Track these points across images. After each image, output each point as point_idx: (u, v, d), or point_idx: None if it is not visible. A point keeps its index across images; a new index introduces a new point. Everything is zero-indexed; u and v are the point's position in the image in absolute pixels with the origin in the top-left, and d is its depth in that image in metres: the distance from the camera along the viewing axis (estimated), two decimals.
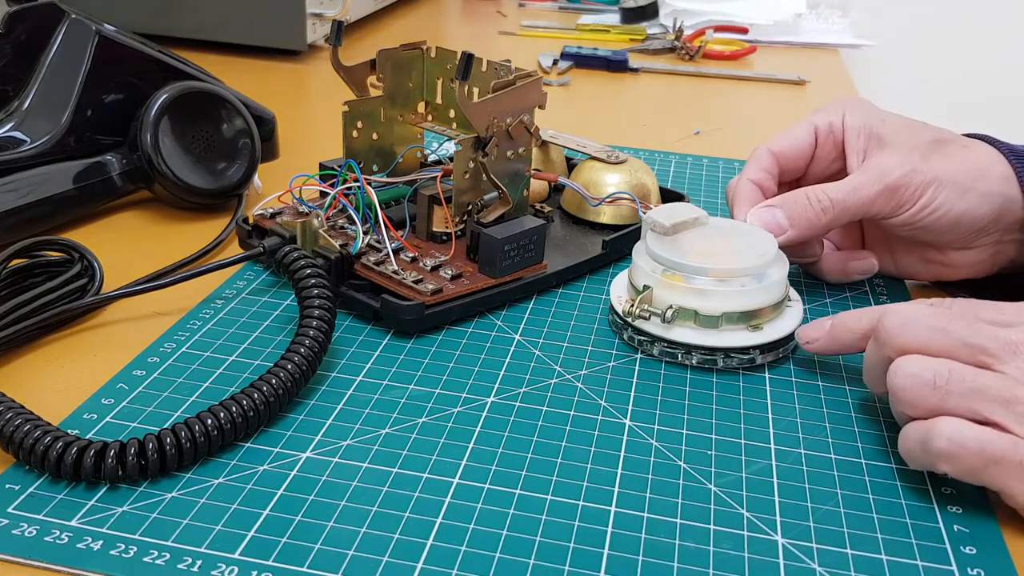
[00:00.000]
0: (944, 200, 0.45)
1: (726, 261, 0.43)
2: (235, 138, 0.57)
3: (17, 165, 0.52)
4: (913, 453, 0.35)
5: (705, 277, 0.42)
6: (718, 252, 0.44)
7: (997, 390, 0.33)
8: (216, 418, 0.35)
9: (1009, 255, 0.49)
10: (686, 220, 0.45)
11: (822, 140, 0.50)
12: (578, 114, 0.85)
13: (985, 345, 0.34)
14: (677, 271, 0.43)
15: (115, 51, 0.56)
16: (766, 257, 0.43)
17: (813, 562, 0.32)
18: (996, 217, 0.46)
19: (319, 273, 0.42)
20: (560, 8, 1.33)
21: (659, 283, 0.43)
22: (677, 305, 0.42)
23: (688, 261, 0.43)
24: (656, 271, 0.43)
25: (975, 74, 1.70)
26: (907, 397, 0.35)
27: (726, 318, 0.42)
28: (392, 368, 0.42)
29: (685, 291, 0.42)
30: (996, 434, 0.33)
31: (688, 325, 0.43)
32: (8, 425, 0.34)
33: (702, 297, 0.42)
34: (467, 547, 0.32)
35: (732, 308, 0.42)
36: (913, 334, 0.35)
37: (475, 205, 0.47)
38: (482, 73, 0.50)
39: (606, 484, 0.35)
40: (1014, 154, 0.46)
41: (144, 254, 0.51)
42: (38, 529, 0.31)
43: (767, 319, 0.43)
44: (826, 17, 1.30)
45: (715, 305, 0.42)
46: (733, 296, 0.42)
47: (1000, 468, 0.32)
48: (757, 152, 0.51)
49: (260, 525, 0.32)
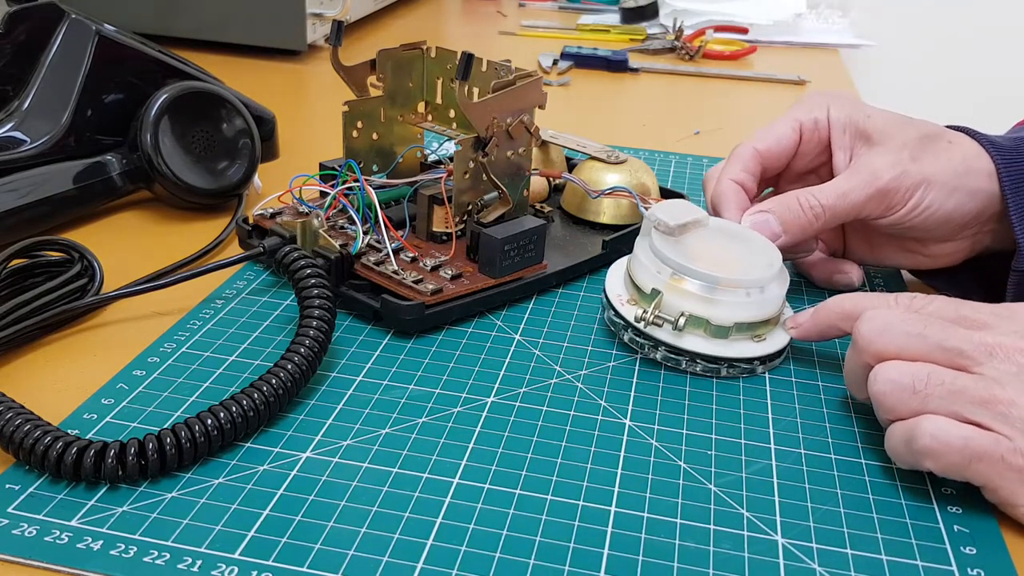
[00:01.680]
0: (932, 200, 0.46)
1: (737, 270, 0.42)
2: (235, 138, 0.57)
3: (17, 165, 0.52)
4: (898, 451, 0.35)
5: (717, 286, 0.42)
6: (725, 258, 0.43)
7: (975, 391, 0.33)
8: (216, 418, 0.35)
9: (986, 243, 0.49)
10: (689, 221, 0.45)
11: (806, 136, 0.50)
12: (578, 114, 0.85)
13: (961, 348, 0.34)
14: (686, 276, 0.42)
15: (115, 51, 0.56)
16: (774, 268, 0.43)
17: (813, 562, 0.32)
18: (979, 212, 0.46)
19: (319, 273, 0.42)
20: (560, 8, 1.33)
21: (667, 287, 0.42)
22: (689, 313, 0.42)
23: (699, 268, 0.42)
24: (663, 273, 0.43)
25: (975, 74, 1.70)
26: (889, 402, 0.35)
27: (736, 328, 0.42)
28: (392, 368, 0.42)
29: (696, 299, 0.42)
30: (978, 431, 0.33)
31: (698, 334, 0.42)
32: (8, 425, 0.34)
33: (714, 307, 0.42)
34: (467, 547, 0.32)
35: (743, 319, 0.42)
36: (890, 340, 0.36)
37: (475, 205, 0.47)
38: (482, 73, 0.50)
39: (606, 484, 0.35)
40: (996, 148, 0.46)
41: (144, 254, 0.51)
42: (38, 529, 0.31)
43: (770, 329, 0.43)
44: (826, 17, 1.30)
45: (727, 315, 0.42)
46: (744, 307, 0.42)
47: (983, 464, 0.33)
48: (740, 151, 0.50)
49: (260, 525, 0.32)
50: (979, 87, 1.68)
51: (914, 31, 1.71)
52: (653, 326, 0.42)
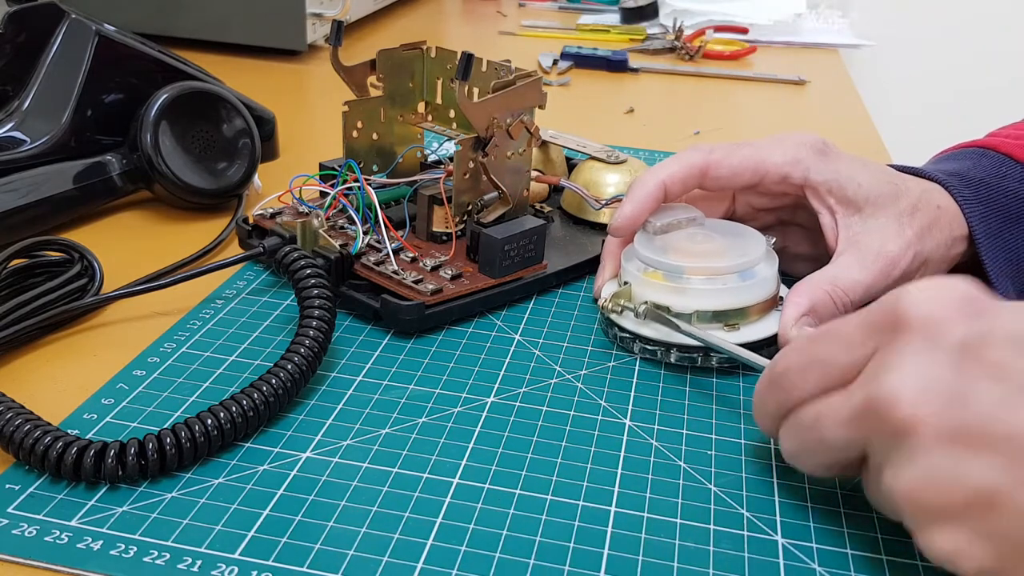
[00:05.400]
0: (924, 275, 0.46)
1: (704, 260, 0.43)
2: (235, 138, 0.57)
3: (17, 165, 0.52)
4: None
5: (682, 275, 0.42)
6: (702, 251, 0.44)
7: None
8: (216, 418, 0.35)
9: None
10: (679, 220, 0.45)
11: (771, 185, 0.46)
12: (578, 114, 0.85)
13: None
14: (657, 268, 0.43)
15: (115, 51, 0.56)
16: (746, 258, 0.43)
17: (813, 562, 0.32)
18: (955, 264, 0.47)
19: (319, 273, 0.42)
20: (560, 8, 1.33)
21: (639, 280, 0.43)
22: (652, 301, 0.42)
23: (665, 259, 0.43)
24: (639, 270, 0.44)
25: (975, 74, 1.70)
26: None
27: (699, 316, 0.42)
28: (392, 368, 0.42)
29: (661, 288, 0.43)
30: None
31: (663, 322, 0.42)
32: (8, 425, 0.34)
33: (676, 294, 0.42)
34: (467, 547, 0.32)
35: (705, 306, 0.42)
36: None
37: (475, 205, 0.47)
38: (482, 73, 0.50)
39: (606, 484, 0.35)
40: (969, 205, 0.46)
41: (144, 254, 0.51)
42: (38, 529, 0.31)
43: (747, 320, 0.43)
44: (826, 17, 1.30)
45: (688, 302, 0.42)
46: (706, 295, 0.42)
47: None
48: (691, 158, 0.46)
49: (260, 525, 0.32)
50: (979, 87, 1.68)
51: (914, 31, 1.71)
52: (614, 313, 0.43)
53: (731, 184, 0.47)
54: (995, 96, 1.49)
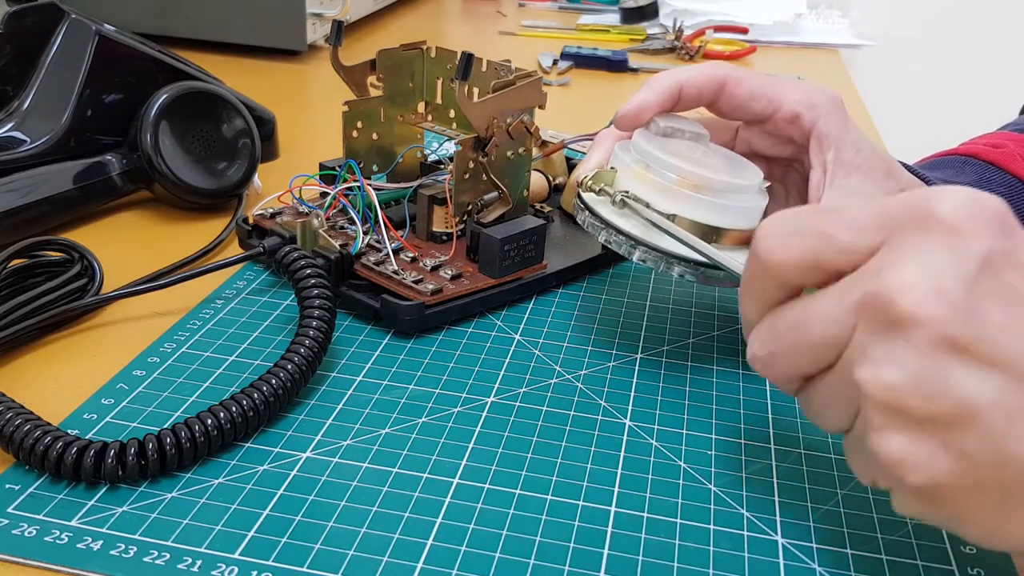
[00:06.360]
0: None
1: (698, 168, 0.41)
2: (235, 138, 0.57)
3: (17, 165, 0.52)
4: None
5: (673, 175, 0.40)
6: (698, 162, 0.42)
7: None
8: (216, 418, 0.35)
9: None
10: (684, 130, 0.44)
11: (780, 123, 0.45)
12: (578, 114, 0.85)
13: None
14: (649, 164, 0.41)
15: (115, 51, 0.56)
16: (739, 182, 0.41)
17: (813, 562, 0.32)
18: None
19: (319, 273, 0.42)
20: (560, 8, 1.33)
21: (627, 170, 0.41)
22: (634, 193, 0.40)
23: (662, 155, 0.41)
24: (632, 160, 0.42)
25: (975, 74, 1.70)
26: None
27: (676, 222, 0.40)
28: (392, 368, 0.42)
29: (648, 183, 0.41)
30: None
31: (638, 218, 0.40)
32: (8, 425, 0.34)
33: (660, 193, 0.40)
34: (467, 547, 0.32)
35: (685, 214, 0.40)
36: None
37: (475, 205, 0.47)
38: (482, 73, 0.50)
39: (606, 484, 0.35)
40: None
41: (144, 254, 0.51)
42: (38, 529, 0.31)
43: (720, 245, 0.41)
44: (826, 17, 1.30)
45: (669, 204, 0.40)
46: (690, 202, 0.40)
47: None
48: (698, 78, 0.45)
49: (260, 525, 0.32)
50: (979, 87, 1.68)
51: (914, 31, 1.71)
52: (591, 192, 0.41)
53: (744, 108, 0.45)
54: (995, 96, 1.49)
